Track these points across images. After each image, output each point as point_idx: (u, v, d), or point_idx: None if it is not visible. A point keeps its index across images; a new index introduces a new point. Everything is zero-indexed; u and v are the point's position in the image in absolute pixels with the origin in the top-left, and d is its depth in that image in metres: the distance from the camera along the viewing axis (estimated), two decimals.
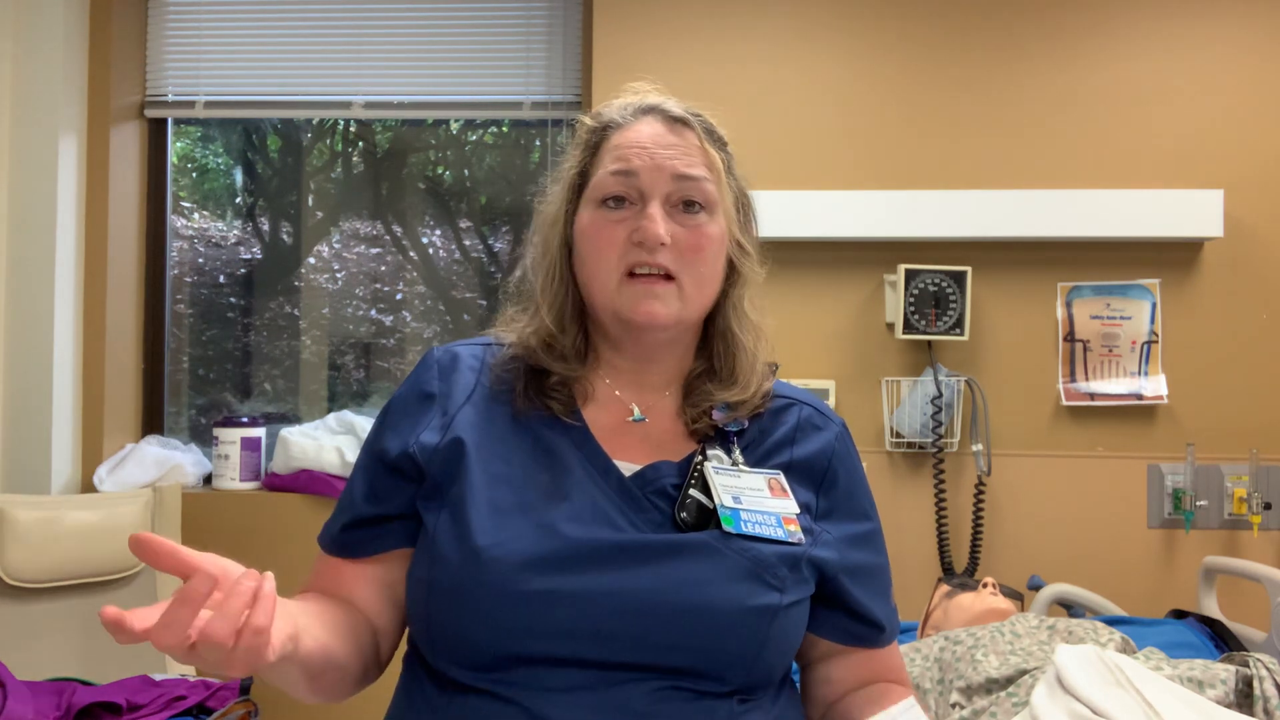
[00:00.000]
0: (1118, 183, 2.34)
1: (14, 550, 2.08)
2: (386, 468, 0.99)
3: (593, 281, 1.02)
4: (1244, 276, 2.34)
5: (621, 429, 1.03)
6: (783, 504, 0.99)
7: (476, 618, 0.89)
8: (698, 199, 1.01)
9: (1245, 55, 2.35)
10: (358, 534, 0.99)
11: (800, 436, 1.06)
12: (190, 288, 2.86)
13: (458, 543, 0.92)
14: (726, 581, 0.91)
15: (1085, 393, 2.36)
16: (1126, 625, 1.94)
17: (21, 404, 2.45)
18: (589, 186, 1.03)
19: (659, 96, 1.07)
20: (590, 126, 1.07)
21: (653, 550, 0.92)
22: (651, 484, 0.98)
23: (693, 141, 1.04)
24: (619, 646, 0.89)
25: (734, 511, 0.95)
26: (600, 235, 1.00)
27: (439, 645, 0.92)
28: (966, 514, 2.34)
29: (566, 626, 0.88)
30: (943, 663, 1.55)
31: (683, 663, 0.90)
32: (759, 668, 0.92)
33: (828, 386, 2.34)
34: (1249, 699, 1.38)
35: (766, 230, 2.62)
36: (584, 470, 0.98)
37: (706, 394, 1.05)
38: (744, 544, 0.94)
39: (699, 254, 1.01)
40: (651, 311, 0.99)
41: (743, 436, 1.04)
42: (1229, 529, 2.33)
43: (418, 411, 1.02)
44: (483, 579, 0.89)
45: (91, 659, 2.13)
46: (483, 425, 1.00)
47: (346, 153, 3.00)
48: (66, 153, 2.49)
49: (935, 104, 2.39)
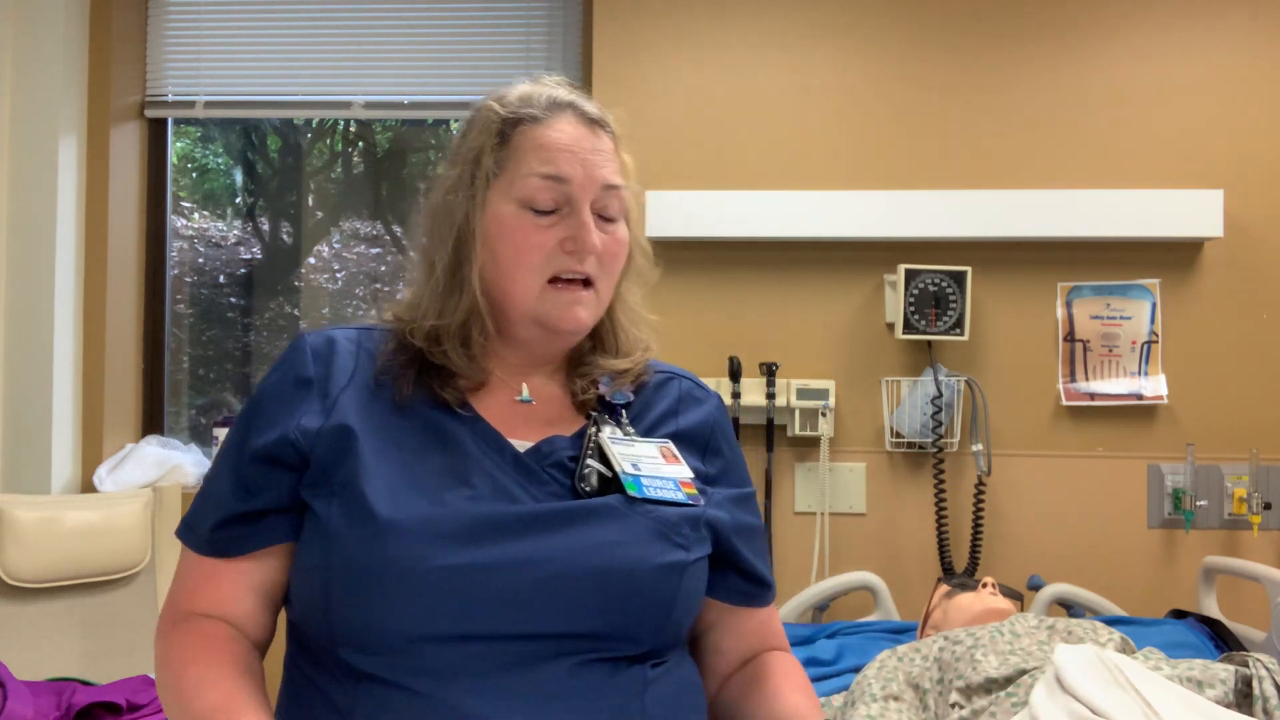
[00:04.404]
0: (1118, 183, 2.33)
1: (14, 550, 2.08)
2: (260, 460, 0.95)
3: (510, 284, 1.01)
4: (1244, 276, 2.34)
5: (510, 410, 1.04)
6: (677, 469, 1.02)
7: (383, 600, 0.87)
8: (616, 211, 1.03)
9: (1245, 55, 2.35)
10: (231, 532, 0.95)
11: (683, 408, 1.10)
12: (190, 288, 2.86)
13: (357, 523, 0.90)
14: (636, 542, 0.94)
15: (1085, 393, 2.36)
16: (1126, 625, 1.95)
17: (21, 404, 2.45)
18: (507, 182, 1.00)
19: (569, 91, 1.05)
20: (502, 115, 1.02)
21: (560, 517, 0.93)
22: (548, 457, 0.99)
23: (609, 146, 1.04)
24: (533, 615, 0.89)
25: (635, 478, 0.98)
26: (526, 238, 0.99)
27: (343, 633, 0.89)
28: (966, 514, 2.34)
29: (479, 600, 0.88)
30: (942, 662, 1.55)
31: (598, 627, 0.91)
32: (669, 627, 0.95)
33: (828, 386, 2.34)
34: (1248, 699, 1.38)
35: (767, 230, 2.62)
36: (478, 449, 0.98)
37: (593, 365, 1.08)
38: (647, 506, 0.96)
39: (616, 260, 1.04)
40: (578, 318, 1.01)
41: (629, 409, 1.07)
42: (1229, 529, 2.32)
43: (294, 397, 0.98)
44: (387, 557, 0.88)
45: (91, 659, 2.13)
46: (368, 408, 0.98)
47: (346, 153, 3.00)
48: (66, 153, 2.49)
49: (935, 104, 2.39)
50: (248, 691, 0.89)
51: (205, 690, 0.89)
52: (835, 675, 1.83)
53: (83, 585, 2.17)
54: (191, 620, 0.95)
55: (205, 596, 0.96)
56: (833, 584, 2.23)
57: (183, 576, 0.99)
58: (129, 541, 2.21)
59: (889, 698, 1.52)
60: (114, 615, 2.18)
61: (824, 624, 2.15)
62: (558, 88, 1.06)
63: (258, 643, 0.98)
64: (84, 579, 2.16)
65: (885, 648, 1.73)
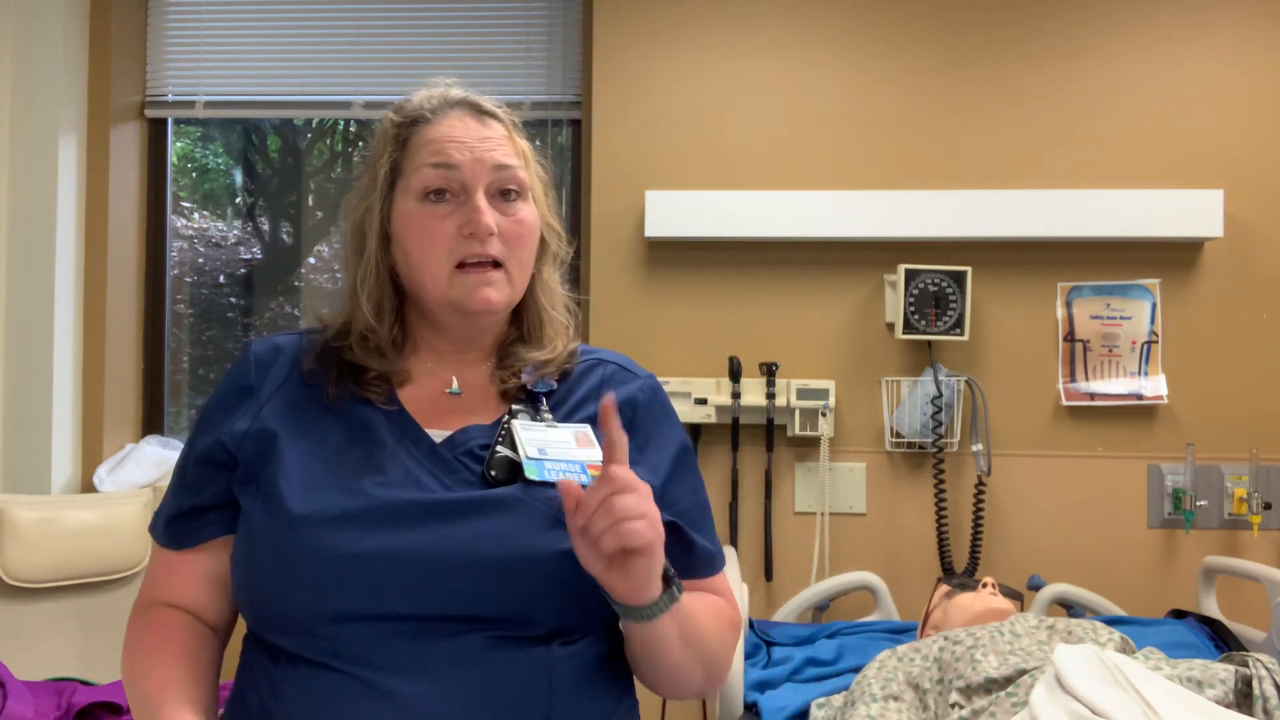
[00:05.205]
0: (1118, 183, 2.34)
1: (14, 550, 2.08)
2: (200, 461, 1.04)
3: (422, 275, 1.06)
4: (1244, 276, 2.34)
5: (437, 402, 1.08)
6: (588, 453, 1.04)
7: (294, 583, 0.94)
8: (514, 186, 1.07)
9: (1245, 55, 2.35)
10: (180, 525, 1.04)
11: (605, 391, 1.11)
12: (190, 288, 2.86)
13: (272, 515, 0.96)
14: (530, 531, 0.96)
15: (1085, 393, 2.36)
16: (1126, 625, 1.95)
17: (21, 404, 2.45)
18: (406, 179, 1.06)
19: (462, 91, 1.12)
20: (397, 121, 1.09)
21: (459, 507, 0.97)
22: (461, 446, 1.03)
23: (501, 133, 1.10)
24: (436, 599, 0.93)
25: (537, 462, 1.01)
26: (428, 229, 1.04)
27: (263, 617, 0.97)
28: (966, 514, 2.34)
29: (382, 585, 0.93)
30: (942, 662, 1.55)
31: (495, 612, 0.95)
32: (570, 611, 0.97)
33: (828, 386, 2.34)
34: (1248, 699, 1.38)
35: (767, 230, 2.61)
36: (396, 441, 1.03)
37: (517, 356, 1.11)
38: (548, 493, 0.98)
39: (521, 241, 1.07)
40: (487, 298, 1.05)
41: (551, 397, 1.10)
42: (1229, 529, 2.32)
43: (234, 404, 1.06)
44: (298, 544, 0.94)
45: (91, 659, 2.13)
46: (294, 411, 1.04)
47: (346, 153, 3.00)
48: (66, 153, 2.49)
49: (935, 104, 2.39)
50: (181, 683, 0.97)
51: (143, 680, 0.98)
52: (835, 675, 1.83)
53: (83, 585, 2.17)
54: (153, 610, 1.04)
55: (165, 585, 1.05)
56: (833, 584, 2.23)
57: (150, 567, 1.09)
58: (129, 541, 2.21)
59: (889, 698, 1.52)
60: (114, 615, 2.18)
61: (824, 624, 2.15)
62: (451, 89, 1.13)
63: (215, 626, 1.06)
64: (84, 579, 2.16)
65: (885, 648, 1.73)
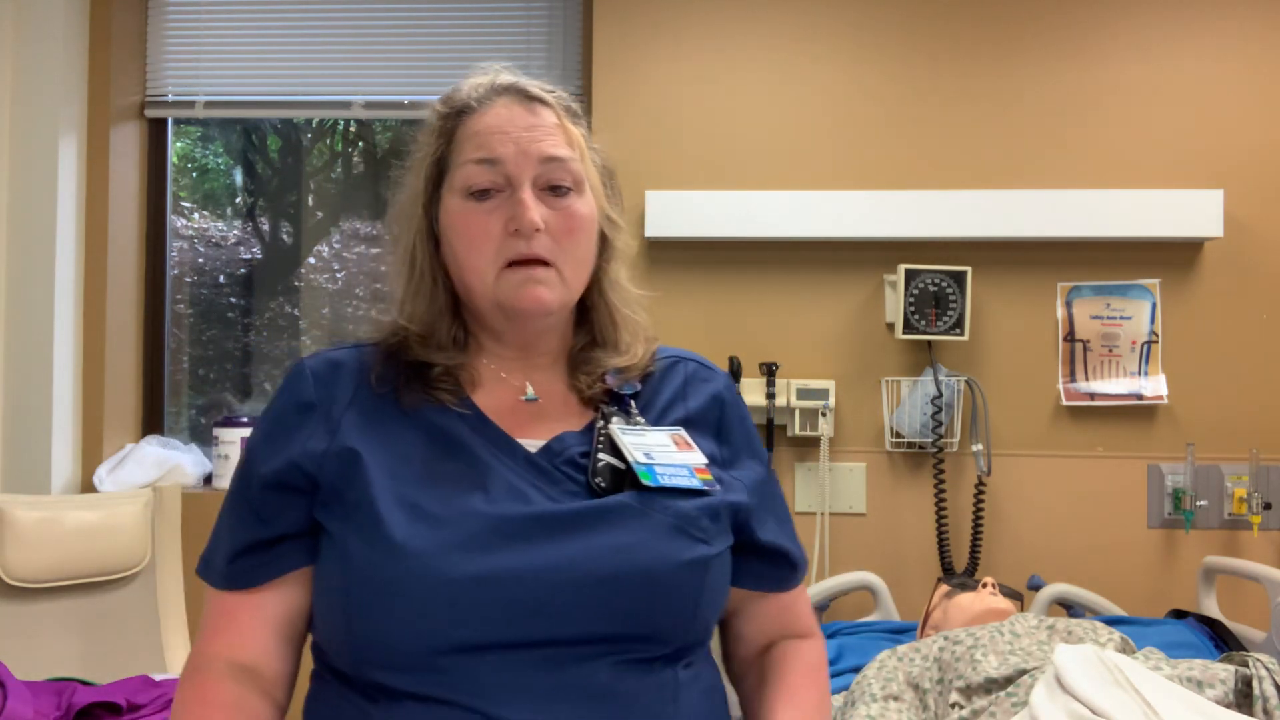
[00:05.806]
0: (1118, 183, 2.34)
1: (14, 550, 2.08)
2: (270, 487, 0.95)
3: (470, 275, 0.99)
4: (1244, 276, 2.34)
5: (515, 409, 1.02)
6: (690, 456, 0.99)
7: (405, 615, 0.86)
8: (566, 181, 0.99)
9: (1245, 55, 2.35)
10: (248, 562, 0.95)
11: (690, 390, 1.08)
12: (190, 288, 2.86)
13: (372, 542, 0.88)
14: (654, 541, 0.91)
15: (1085, 393, 2.36)
16: (1126, 625, 1.94)
17: (21, 404, 2.45)
18: (452, 175, 1.00)
19: (512, 75, 1.04)
20: (443, 112, 1.03)
21: (576, 519, 0.91)
22: (559, 455, 0.97)
23: (551, 120, 1.01)
24: (557, 621, 0.87)
25: (649, 467, 0.95)
26: (473, 227, 0.98)
27: (365, 653, 0.89)
28: (966, 514, 2.34)
29: (501, 608, 0.86)
30: (942, 662, 1.55)
31: (624, 629, 0.89)
32: (696, 624, 0.94)
33: (828, 386, 2.34)
34: (1248, 699, 1.38)
35: (767, 230, 2.61)
36: (488, 452, 0.96)
37: (596, 362, 1.04)
38: (664, 502, 0.93)
39: (572, 236, 0.99)
40: (537, 296, 0.98)
41: (637, 400, 1.04)
42: (1229, 529, 2.32)
43: (297, 423, 0.97)
44: (406, 571, 0.86)
45: (91, 659, 2.13)
46: (373, 427, 0.96)
47: (346, 153, 3.00)
48: (66, 153, 2.49)
49: (936, 104, 2.39)
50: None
51: None
52: (835, 675, 1.83)
53: (83, 585, 2.17)
54: (210, 672, 0.94)
55: (225, 636, 0.95)
56: (833, 584, 2.23)
57: (206, 616, 0.98)
58: (129, 541, 2.21)
59: (889, 698, 1.52)
60: (114, 615, 2.18)
61: (824, 624, 2.15)
62: (501, 74, 1.04)
63: (276, 682, 0.96)
64: (84, 579, 2.16)
65: (885, 648, 1.73)
